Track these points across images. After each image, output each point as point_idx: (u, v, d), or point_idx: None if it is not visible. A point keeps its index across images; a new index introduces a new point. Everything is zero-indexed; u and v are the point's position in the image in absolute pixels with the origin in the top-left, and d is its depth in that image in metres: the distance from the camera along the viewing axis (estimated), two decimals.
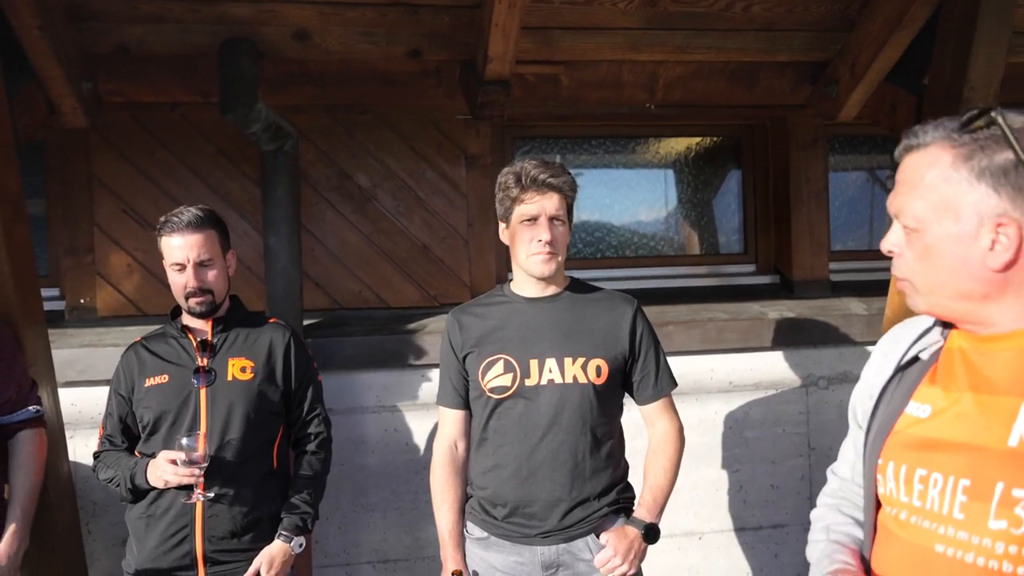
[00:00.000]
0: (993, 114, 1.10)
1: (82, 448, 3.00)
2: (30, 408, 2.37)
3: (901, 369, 1.29)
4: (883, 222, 4.37)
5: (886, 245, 1.25)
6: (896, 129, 3.30)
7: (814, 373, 3.54)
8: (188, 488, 2.18)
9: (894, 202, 1.22)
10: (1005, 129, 1.09)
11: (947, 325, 1.25)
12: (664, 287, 4.00)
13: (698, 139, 4.17)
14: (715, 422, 3.50)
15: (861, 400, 1.40)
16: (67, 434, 2.86)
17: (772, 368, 3.54)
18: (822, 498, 1.54)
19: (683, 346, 3.41)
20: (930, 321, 1.30)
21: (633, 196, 4.14)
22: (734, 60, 3.47)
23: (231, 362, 2.32)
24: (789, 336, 3.55)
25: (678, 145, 4.16)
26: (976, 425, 1.13)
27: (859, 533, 1.40)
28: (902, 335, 1.35)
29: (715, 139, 4.20)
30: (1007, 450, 1.08)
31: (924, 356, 1.26)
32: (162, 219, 2.31)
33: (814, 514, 1.53)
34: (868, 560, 1.31)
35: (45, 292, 3.05)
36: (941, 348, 1.24)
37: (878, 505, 1.29)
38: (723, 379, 3.49)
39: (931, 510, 1.15)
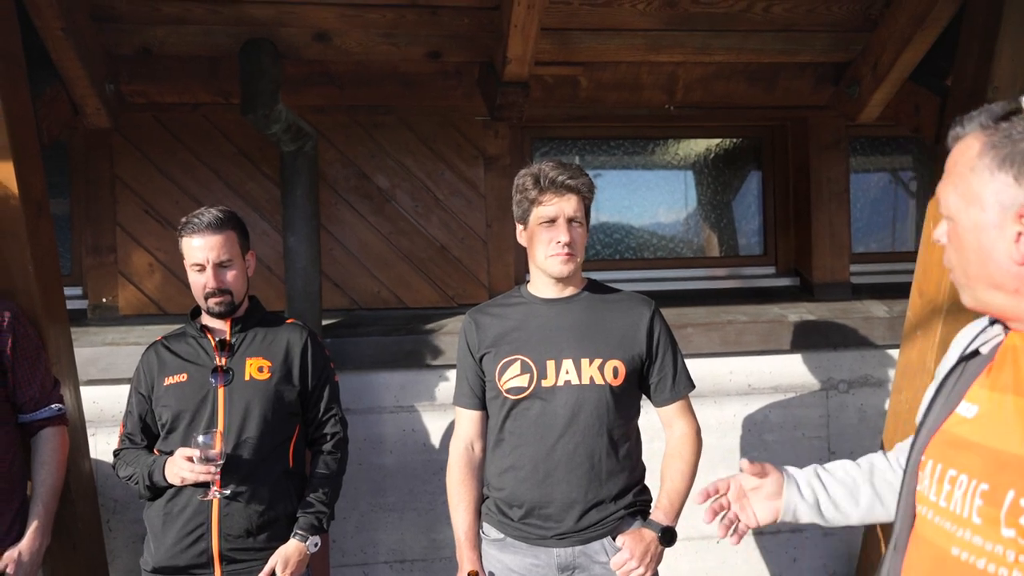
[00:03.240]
0: (1022, 100, 1.09)
1: (104, 446, 3.04)
2: (53, 406, 2.40)
3: (964, 360, 1.26)
4: (905, 224, 4.33)
5: (935, 235, 1.23)
6: (919, 130, 3.27)
7: (834, 376, 3.52)
8: (205, 486, 2.20)
9: (938, 191, 1.20)
10: None
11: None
12: (683, 289, 3.98)
13: (718, 140, 4.15)
14: (734, 425, 3.48)
15: (925, 395, 1.36)
16: (89, 432, 2.90)
17: (792, 371, 3.51)
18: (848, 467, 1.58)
19: (702, 348, 3.40)
20: None
21: (652, 198, 4.13)
22: (754, 61, 3.45)
23: (249, 362, 2.34)
24: (809, 339, 3.52)
25: (697, 146, 4.14)
26: (1004, 429, 1.10)
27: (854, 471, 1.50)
28: (971, 327, 1.32)
29: (735, 140, 4.17)
30: (1021, 456, 1.06)
31: (984, 350, 1.23)
32: (183, 220, 2.33)
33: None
34: (890, 557, 1.29)
35: (68, 291, 3.09)
36: (1000, 344, 1.20)
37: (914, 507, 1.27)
38: (742, 382, 3.47)
39: (953, 512, 1.13)
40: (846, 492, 1.53)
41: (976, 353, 1.24)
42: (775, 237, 4.13)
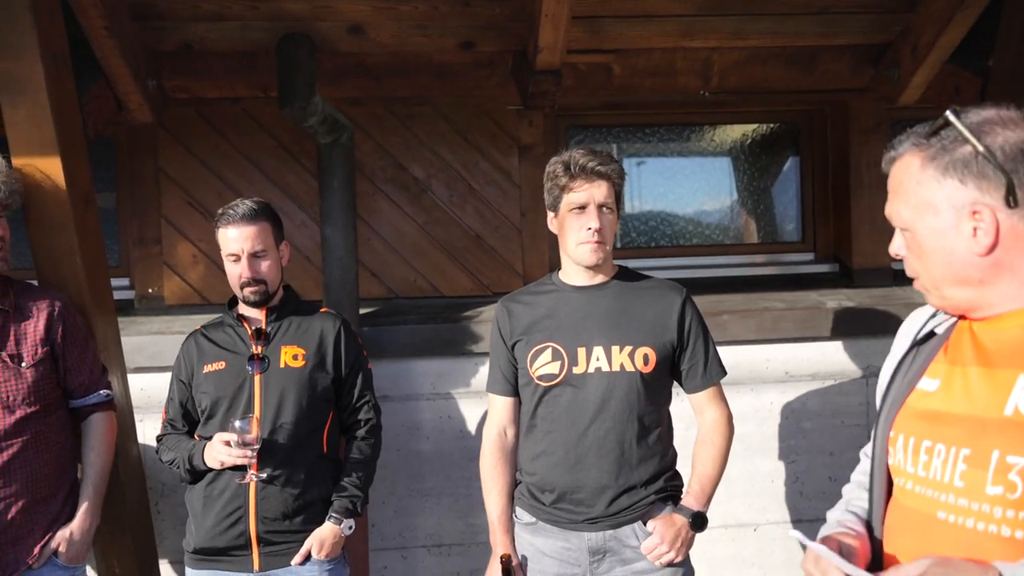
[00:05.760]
0: (948, 114, 1.20)
1: (151, 431, 3.11)
2: (101, 392, 2.48)
3: (917, 344, 1.36)
4: None
5: (892, 249, 1.34)
6: None
7: (874, 364, 3.46)
8: (242, 469, 2.27)
9: (887, 210, 1.31)
10: (959, 125, 1.18)
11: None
12: (721, 276, 3.96)
13: (755, 126, 4.10)
14: (771, 412, 3.45)
15: (881, 377, 1.46)
16: (136, 418, 2.98)
17: (830, 358, 3.47)
18: (854, 475, 1.58)
19: (738, 335, 3.37)
20: None
21: (689, 184, 4.10)
22: (791, 44, 3.40)
23: (284, 350, 2.40)
24: (848, 326, 3.47)
25: (734, 132, 4.10)
26: (976, 397, 1.20)
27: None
28: (920, 313, 1.44)
29: (772, 125, 4.12)
30: (1003, 419, 1.15)
31: (939, 331, 1.34)
32: (219, 211, 2.39)
33: (844, 489, 1.58)
34: (874, 528, 1.36)
35: (116, 282, 3.19)
36: (955, 324, 1.31)
37: (890, 479, 1.35)
38: (779, 369, 3.43)
39: (934, 479, 1.22)
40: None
41: (930, 336, 1.35)
42: (814, 223, 4.07)
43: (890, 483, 1.35)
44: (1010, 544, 1.12)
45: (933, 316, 1.38)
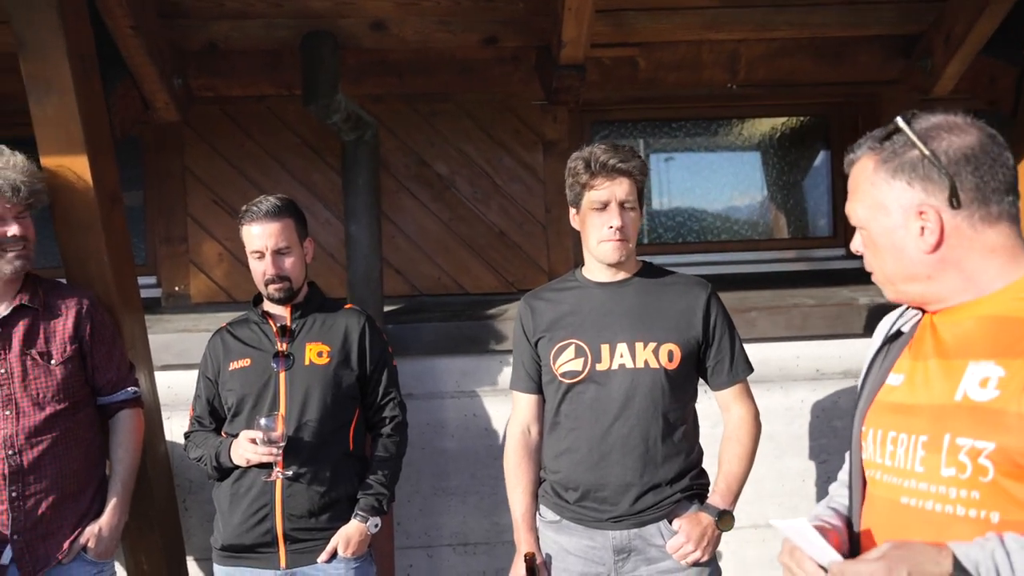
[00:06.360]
0: (898, 120, 1.28)
1: (178, 428, 3.13)
2: (128, 389, 2.51)
3: (888, 341, 1.44)
4: None
5: (852, 247, 1.41)
6: (996, 102, 3.12)
7: None
8: (268, 467, 2.27)
9: (846, 208, 1.39)
10: (907, 131, 1.26)
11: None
12: (750, 272, 3.91)
13: (783, 119, 4.05)
14: (801, 411, 3.40)
15: (861, 376, 1.52)
16: (164, 415, 3.00)
17: (863, 356, 3.39)
18: (840, 474, 1.61)
19: (767, 332, 3.32)
20: None
21: (716, 179, 4.06)
22: (819, 36, 3.34)
23: (308, 347, 2.40)
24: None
25: (762, 126, 4.05)
26: (934, 387, 1.28)
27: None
28: (891, 314, 1.51)
29: (801, 119, 4.06)
30: (954, 404, 1.23)
31: (905, 329, 1.42)
32: (243, 208, 2.40)
33: (830, 487, 1.63)
34: (853, 523, 1.42)
35: (143, 280, 3.22)
36: (919, 322, 1.39)
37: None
38: (810, 367, 3.38)
39: (898, 467, 1.29)
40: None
41: (899, 334, 1.43)
42: (845, 218, 3.99)
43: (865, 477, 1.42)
44: (967, 523, 1.18)
45: (901, 316, 1.46)
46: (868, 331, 3.34)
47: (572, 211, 2.24)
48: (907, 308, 1.44)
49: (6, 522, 2.24)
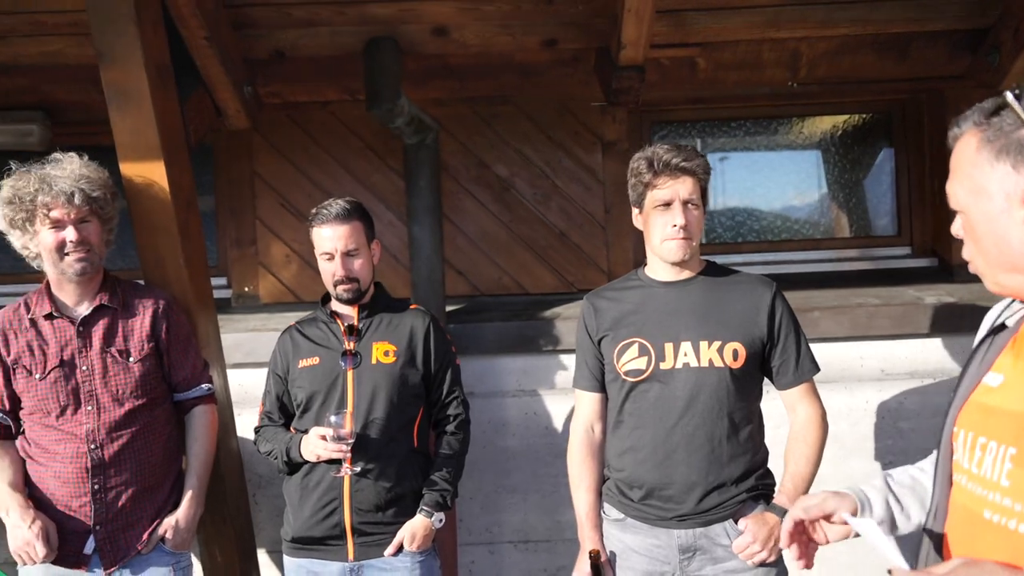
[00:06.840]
0: (1007, 94, 1.14)
1: (249, 425, 3.22)
2: (203, 386, 2.60)
3: (992, 333, 1.33)
4: None
5: (952, 230, 1.30)
6: None
7: None
8: (337, 462, 2.33)
9: (947, 188, 1.27)
10: (1015, 107, 1.12)
11: None
12: (812, 271, 3.86)
13: (845, 117, 3.98)
14: (866, 412, 3.35)
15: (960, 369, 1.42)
16: (235, 412, 3.10)
17: (929, 356, 3.34)
18: (919, 463, 1.58)
19: (830, 332, 3.28)
20: None
21: (776, 178, 4.01)
22: (883, 32, 3.29)
23: (375, 346, 2.45)
24: (949, 322, 3.33)
25: (823, 124, 3.99)
26: None
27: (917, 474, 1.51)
28: (999, 303, 1.39)
29: (864, 116, 3.99)
30: None
31: (1009, 323, 1.30)
32: (313, 211, 2.46)
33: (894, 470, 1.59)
34: (930, 523, 1.34)
35: (214, 281, 3.31)
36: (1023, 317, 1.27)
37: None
38: (875, 367, 3.33)
39: (984, 476, 1.19)
40: (916, 499, 1.52)
41: (1003, 327, 1.31)
42: (910, 216, 3.93)
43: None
44: None
45: (1008, 307, 1.33)
46: (935, 331, 3.32)
47: (635, 211, 2.25)
48: (1013, 300, 1.33)
49: (89, 514, 2.34)
